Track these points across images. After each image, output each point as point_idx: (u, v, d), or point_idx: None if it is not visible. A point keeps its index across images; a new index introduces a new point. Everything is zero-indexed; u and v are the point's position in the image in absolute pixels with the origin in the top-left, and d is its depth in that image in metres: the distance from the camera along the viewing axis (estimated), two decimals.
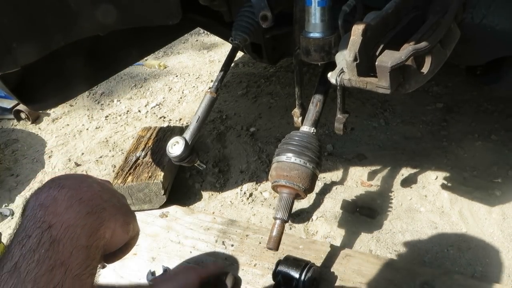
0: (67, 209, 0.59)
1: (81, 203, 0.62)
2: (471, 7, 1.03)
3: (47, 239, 0.55)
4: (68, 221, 0.58)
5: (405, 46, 0.82)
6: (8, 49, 1.02)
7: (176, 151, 1.17)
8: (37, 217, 0.57)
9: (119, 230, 0.70)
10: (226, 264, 1.30)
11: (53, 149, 2.12)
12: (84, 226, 0.60)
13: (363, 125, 1.97)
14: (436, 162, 1.71)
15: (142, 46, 1.71)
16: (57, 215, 0.58)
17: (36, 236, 0.55)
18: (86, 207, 0.62)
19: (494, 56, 1.16)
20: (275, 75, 2.51)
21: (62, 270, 0.54)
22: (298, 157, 1.11)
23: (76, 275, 0.56)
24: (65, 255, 0.55)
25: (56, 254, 0.55)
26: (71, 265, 0.55)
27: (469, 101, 2.05)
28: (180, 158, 1.17)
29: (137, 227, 0.78)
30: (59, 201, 0.60)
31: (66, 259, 0.55)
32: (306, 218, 1.54)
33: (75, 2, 1.10)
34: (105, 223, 0.65)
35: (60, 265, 0.54)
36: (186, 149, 1.16)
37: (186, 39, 3.18)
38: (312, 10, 1.01)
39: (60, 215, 0.58)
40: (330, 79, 0.93)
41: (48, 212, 0.58)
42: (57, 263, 0.54)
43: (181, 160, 1.18)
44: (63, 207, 0.59)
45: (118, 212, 0.70)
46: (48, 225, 0.56)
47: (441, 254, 1.36)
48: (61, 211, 0.59)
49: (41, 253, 0.54)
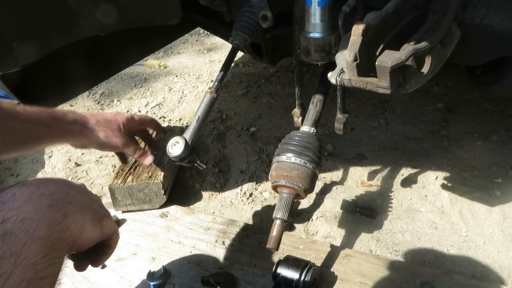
0: (25, 203, 0.61)
1: (41, 197, 0.63)
2: (471, 7, 1.03)
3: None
4: (24, 214, 0.60)
5: (405, 46, 0.82)
6: (8, 49, 1.02)
7: (176, 151, 1.17)
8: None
9: (89, 224, 0.70)
10: (226, 264, 1.30)
11: (53, 149, 2.12)
12: (43, 218, 0.61)
13: (363, 125, 1.97)
14: (436, 162, 1.71)
15: (142, 46, 1.72)
16: (14, 209, 0.59)
17: None
18: (46, 200, 0.63)
19: (494, 56, 1.16)
20: (275, 75, 2.51)
21: (12, 260, 0.56)
22: (298, 157, 1.11)
23: (29, 264, 0.57)
24: (17, 246, 0.57)
25: (6, 246, 0.56)
26: (23, 255, 0.57)
27: (469, 101, 2.05)
28: (180, 158, 1.18)
29: (112, 224, 0.78)
30: (17, 197, 0.62)
31: (17, 250, 0.57)
32: (306, 218, 1.54)
33: (75, 2, 1.10)
34: (70, 215, 0.66)
35: (9, 256, 0.56)
36: (186, 149, 1.17)
37: (186, 39, 3.18)
38: (312, 10, 1.01)
39: (16, 209, 0.60)
40: (330, 79, 0.93)
41: (4, 207, 0.59)
42: (6, 255, 0.56)
43: (181, 160, 1.19)
44: (21, 201, 0.61)
45: (87, 208, 0.71)
46: (2, 220, 0.58)
47: (441, 254, 1.36)
48: (18, 205, 0.60)
49: None
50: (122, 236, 1.43)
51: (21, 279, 0.56)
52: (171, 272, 1.28)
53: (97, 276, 1.28)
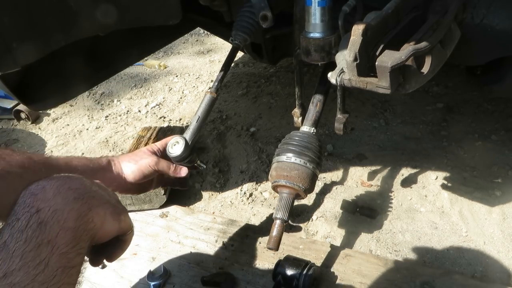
0: (55, 196, 0.64)
1: (68, 190, 0.67)
2: (471, 7, 1.03)
3: (35, 221, 0.60)
4: (55, 205, 0.63)
5: (405, 46, 0.82)
6: (8, 49, 1.02)
7: (177, 151, 1.17)
8: (26, 203, 0.63)
9: (109, 217, 0.74)
10: (226, 264, 1.30)
11: (53, 149, 2.12)
12: (71, 210, 0.65)
13: (363, 125, 1.97)
14: (436, 162, 1.71)
15: (142, 46, 1.72)
16: (45, 201, 0.63)
17: (25, 219, 0.60)
18: (73, 193, 0.67)
19: (494, 56, 1.16)
20: (275, 75, 2.51)
21: (49, 248, 0.59)
22: (298, 157, 1.11)
23: (63, 253, 0.61)
24: (52, 235, 0.60)
25: (42, 234, 0.60)
26: (57, 244, 0.60)
27: (469, 101, 2.05)
28: (180, 158, 1.18)
29: (129, 220, 0.81)
30: (47, 189, 0.65)
31: (52, 238, 0.60)
32: (306, 218, 1.54)
33: (75, 2, 1.10)
34: (94, 208, 0.69)
35: (46, 243, 0.59)
36: (186, 149, 1.17)
37: (186, 39, 3.18)
38: (312, 10, 1.01)
39: (48, 201, 0.63)
40: (330, 79, 0.93)
41: (37, 198, 0.63)
42: (44, 242, 0.59)
43: (182, 160, 1.19)
44: (51, 194, 0.65)
45: (107, 202, 0.75)
46: (36, 210, 0.62)
47: (441, 254, 1.36)
48: (49, 197, 0.64)
49: (28, 233, 0.59)
50: None
51: (57, 266, 0.59)
52: (171, 272, 1.28)
53: (97, 276, 1.28)
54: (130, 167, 1.11)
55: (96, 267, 0.83)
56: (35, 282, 0.56)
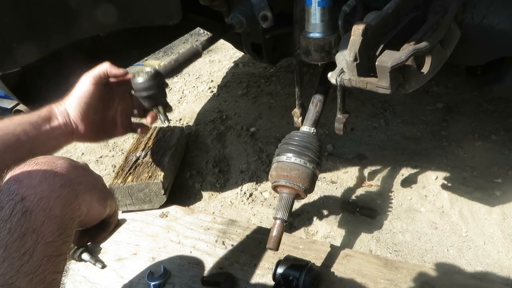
0: (41, 182, 0.63)
1: (55, 176, 0.65)
2: (471, 7, 1.03)
3: (19, 209, 0.59)
4: (41, 193, 0.62)
5: (405, 46, 0.82)
6: (8, 49, 1.02)
7: (139, 79, 0.99)
8: (11, 190, 0.61)
9: (96, 203, 0.73)
10: (226, 264, 1.30)
11: None
12: (58, 198, 0.63)
13: (363, 125, 1.97)
14: (436, 162, 1.71)
15: (142, 46, 1.72)
16: (31, 187, 0.61)
17: (9, 208, 0.59)
18: (60, 180, 0.66)
19: (494, 56, 1.16)
20: (275, 75, 2.51)
21: (34, 237, 0.58)
22: (298, 157, 1.11)
23: (48, 242, 0.59)
24: (37, 224, 0.59)
25: (27, 223, 0.58)
26: (43, 233, 0.59)
27: (469, 101, 2.05)
28: (142, 88, 0.99)
29: (114, 204, 0.81)
30: (33, 175, 0.63)
31: (38, 227, 0.59)
32: (306, 218, 1.54)
33: (75, 2, 1.10)
34: (80, 195, 0.68)
35: (31, 232, 0.58)
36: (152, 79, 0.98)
37: (186, 39, 3.19)
38: (312, 10, 1.01)
39: (33, 188, 0.62)
40: (330, 79, 0.93)
41: (22, 185, 0.61)
42: (29, 231, 0.58)
43: (144, 91, 0.99)
44: (37, 180, 0.63)
45: (93, 187, 0.74)
46: (21, 197, 0.60)
47: (441, 254, 1.36)
48: (35, 184, 0.62)
49: (13, 222, 0.57)
50: (122, 236, 1.43)
51: (42, 256, 0.58)
52: (171, 272, 1.28)
53: (97, 276, 1.28)
54: (70, 102, 0.98)
55: (97, 267, 0.84)
56: (19, 273, 0.55)
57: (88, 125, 0.99)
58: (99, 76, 1.00)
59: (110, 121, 1.06)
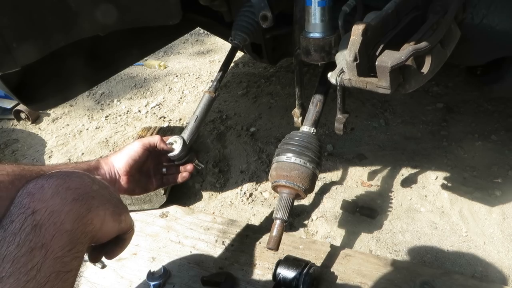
0: (53, 196, 0.62)
1: (67, 190, 0.64)
2: (471, 7, 1.03)
3: (29, 223, 0.58)
4: (52, 206, 0.61)
5: (405, 46, 0.82)
6: (8, 49, 1.02)
7: (174, 150, 1.17)
8: (22, 204, 0.60)
9: (109, 218, 0.72)
10: (226, 264, 1.30)
11: (53, 149, 2.12)
12: (69, 212, 0.62)
13: (363, 125, 1.97)
14: (436, 162, 1.71)
15: (142, 46, 1.71)
16: (42, 201, 0.61)
17: (19, 221, 0.58)
18: (72, 194, 0.65)
19: (494, 56, 1.16)
20: (275, 75, 2.51)
21: (42, 252, 0.57)
22: (298, 157, 1.11)
23: (58, 257, 0.58)
24: (47, 238, 0.58)
25: (36, 237, 0.57)
26: (52, 247, 0.58)
27: (469, 101, 2.05)
28: (178, 157, 1.18)
29: (129, 219, 0.80)
30: (45, 189, 0.63)
31: (47, 242, 0.58)
32: (306, 218, 1.54)
33: (75, 2, 1.10)
34: (93, 209, 0.67)
35: (40, 247, 0.57)
36: (184, 148, 1.17)
37: (186, 39, 3.18)
38: (312, 10, 1.01)
39: (45, 201, 0.61)
40: (330, 79, 0.93)
41: (34, 199, 0.61)
42: (37, 245, 0.57)
43: (180, 159, 1.19)
44: (49, 194, 0.62)
45: (108, 202, 0.72)
46: (32, 211, 0.59)
47: (441, 254, 1.36)
48: (47, 198, 0.61)
49: (22, 236, 0.56)
50: None
51: (50, 272, 0.57)
52: (171, 272, 1.28)
53: (97, 276, 1.28)
54: (118, 157, 1.08)
55: (97, 267, 0.83)
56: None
57: (129, 177, 1.08)
58: (149, 144, 1.13)
59: (145, 177, 1.17)
